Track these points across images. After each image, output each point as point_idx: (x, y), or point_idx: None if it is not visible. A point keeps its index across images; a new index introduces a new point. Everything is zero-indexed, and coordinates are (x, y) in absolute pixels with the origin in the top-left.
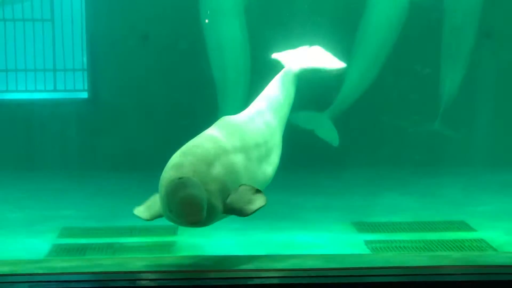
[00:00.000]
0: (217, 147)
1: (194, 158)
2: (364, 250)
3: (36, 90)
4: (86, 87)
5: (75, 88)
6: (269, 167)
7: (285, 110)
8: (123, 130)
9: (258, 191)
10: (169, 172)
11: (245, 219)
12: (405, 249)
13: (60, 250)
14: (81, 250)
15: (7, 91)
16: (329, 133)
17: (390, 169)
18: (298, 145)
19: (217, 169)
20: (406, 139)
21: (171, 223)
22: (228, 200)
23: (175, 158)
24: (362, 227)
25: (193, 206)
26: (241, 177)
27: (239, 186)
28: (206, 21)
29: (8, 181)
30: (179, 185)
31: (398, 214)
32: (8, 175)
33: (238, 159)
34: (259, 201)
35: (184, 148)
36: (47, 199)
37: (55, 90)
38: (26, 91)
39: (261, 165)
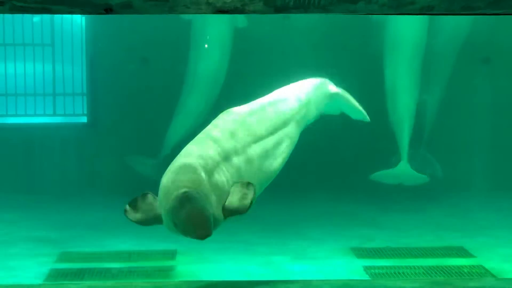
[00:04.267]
0: (218, 152)
1: (195, 169)
2: (363, 276)
3: (35, 115)
4: (85, 112)
5: (74, 112)
6: (276, 160)
7: (308, 112)
8: (122, 154)
9: (247, 184)
10: (171, 184)
11: (245, 243)
12: (404, 275)
13: (58, 275)
14: (79, 274)
15: (6, 115)
16: (414, 177)
17: (388, 195)
18: (296, 170)
19: (218, 178)
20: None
21: (169, 246)
22: (225, 206)
23: (177, 167)
24: (361, 252)
25: (201, 220)
26: (241, 179)
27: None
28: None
29: (7, 204)
30: (184, 199)
31: (397, 240)
32: (7, 198)
33: (238, 162)
34: (250, 193)
35: (184, 152)
36: (46, 222)
37: (54, 114)
38: (26, 115)
39: (266, 160)
